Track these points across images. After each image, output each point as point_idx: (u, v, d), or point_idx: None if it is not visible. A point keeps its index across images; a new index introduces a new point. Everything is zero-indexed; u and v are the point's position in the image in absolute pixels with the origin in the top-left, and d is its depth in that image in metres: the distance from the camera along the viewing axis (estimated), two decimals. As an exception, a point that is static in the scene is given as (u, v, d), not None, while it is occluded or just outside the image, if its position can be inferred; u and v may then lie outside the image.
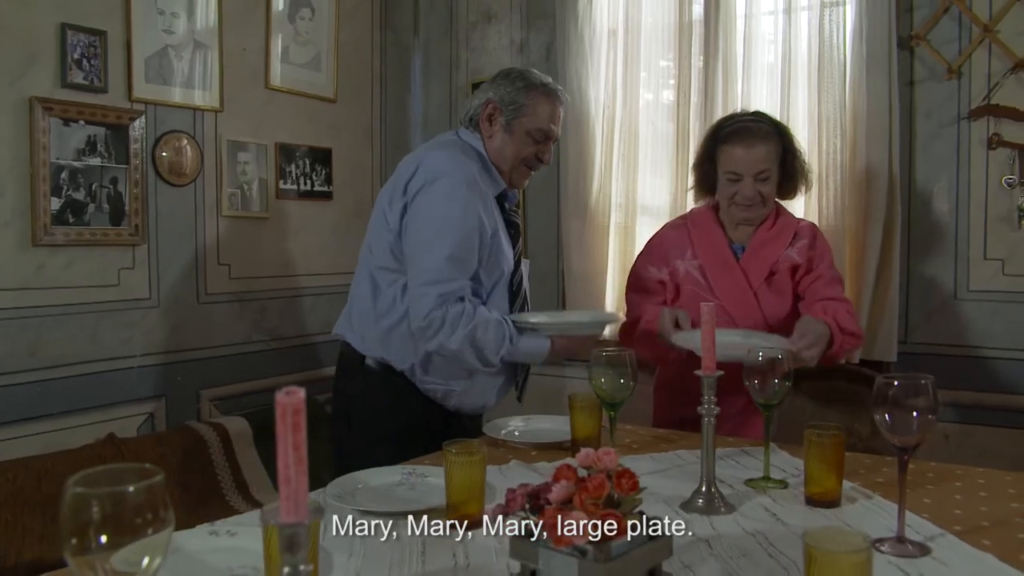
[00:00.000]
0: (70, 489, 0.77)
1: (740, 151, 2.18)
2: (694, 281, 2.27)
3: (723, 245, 2.28)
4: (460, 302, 1.92)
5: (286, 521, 0.71)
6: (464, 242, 1.94)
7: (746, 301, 2.21)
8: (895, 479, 1.66)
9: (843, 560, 0.95)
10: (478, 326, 1.92)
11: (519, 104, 2.09)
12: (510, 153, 2.10)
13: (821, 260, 2.26)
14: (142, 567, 0.79)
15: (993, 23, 2.86)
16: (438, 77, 4.07)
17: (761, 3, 3.25)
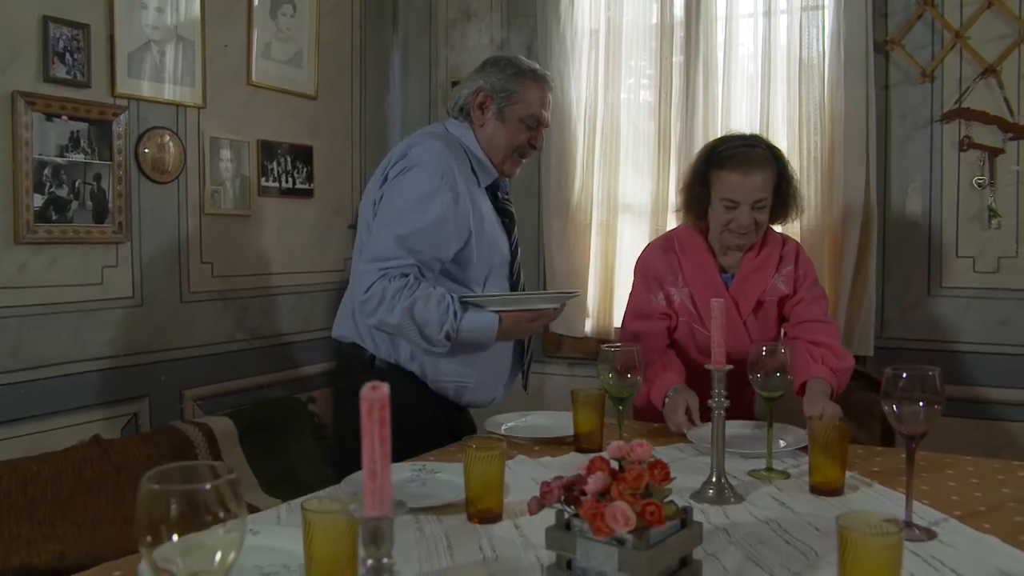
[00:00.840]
0: (146, 486, 0.77)
1: (737, 178, 2.11)
2: (687, 312, 2.24)
3: (713, 273, 2.23)
4: (403, 277, 1.90)
5: (371, 515, 0.72)
6: (419, 230, 1.92)
7: (736, 332, 2.15)
8: (890, 468, 1.74)
9: (877, 542, 0.99)
10: (418, 300, 1.88)
11: (510, 91, 2.07)
12: (503, 141, 2.09)
13: (804, 281, 2.25)
14: (215, 563, 0.79)
15: (964, 29, 2.96)
16: (417, 75, 4.07)
17: (741, 6, 3.31)
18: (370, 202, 2.04)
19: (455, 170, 1.99)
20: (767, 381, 1.73)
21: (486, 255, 2.05)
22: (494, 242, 2.08)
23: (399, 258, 1.90)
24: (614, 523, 1.05)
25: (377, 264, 1.90)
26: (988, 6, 2.91)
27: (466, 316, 1.93)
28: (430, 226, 1.92)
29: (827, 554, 1.26)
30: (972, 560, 1.23)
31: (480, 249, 2.03)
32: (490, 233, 2.07)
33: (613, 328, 3.64)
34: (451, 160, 2.00)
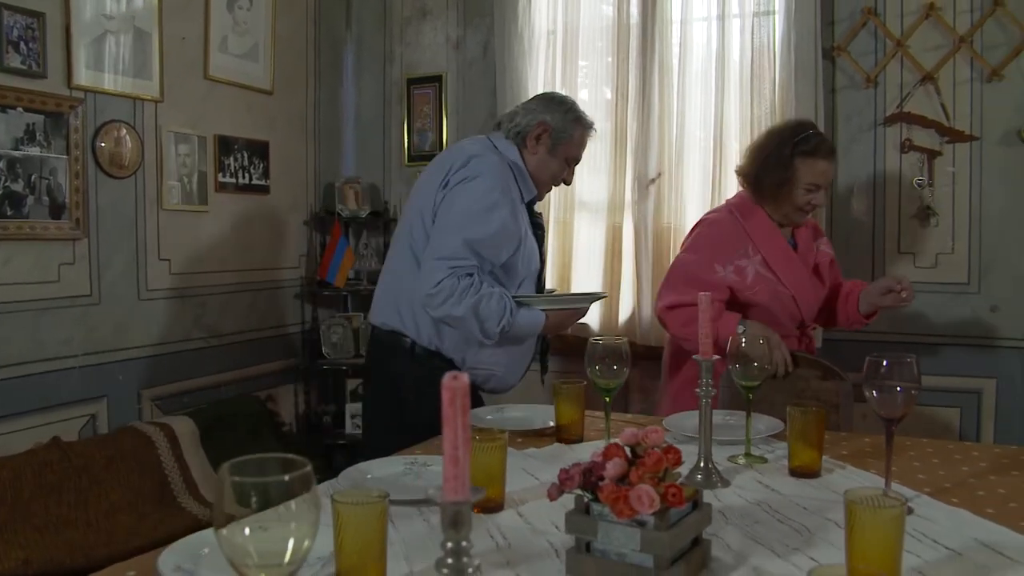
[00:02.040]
0: (225, 477, 0.79)
1: (824, 165, 2.38)
2: (765, 278, 2.44)
3: (783, 240, 2.48)
4: (469, 276, 2.09)
5: (451, 499, 0.75)
6: (484, 236, 2.11)
7: (811, 289, 2.47)
8: (858, 451, 1.85)
9: (882, 515, 1.07)
10: (483, 297, 2.08)
11: (568, 133, 2.31)
12: (550, 172, 2.33)
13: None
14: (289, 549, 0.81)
15: (904, 38, 3.12)
16: (371, 72, 4.06)
17: (695, 9, 3.42)
18: (429, 203, 2.20)
19: (514, 186, 2.23)
20: (745, 370, 1.81)
21: (526, 262, 2.26)
22: (532, 251, 2.29)
23: (466, 259, 2.09)
24: (639, 505, 1.11)
25: (446, 263, 2.08)
26: (926, 17, 3.08)
27: (519, 313, 2.15)
28: (493, 234, 2.13)
29: (819, 531, 1.34)
30: (948, 531, 1.32)
31: (523, 257, 2.24)
32: (529, 243, 2.28)
33: (569, 323, 3.71)
34: (509, 177, 2.23)
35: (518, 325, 2.15)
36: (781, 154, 2.39)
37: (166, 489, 2.78)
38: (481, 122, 3.89)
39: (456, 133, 3.95)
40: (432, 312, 2.13)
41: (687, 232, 2.67)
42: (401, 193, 4.05)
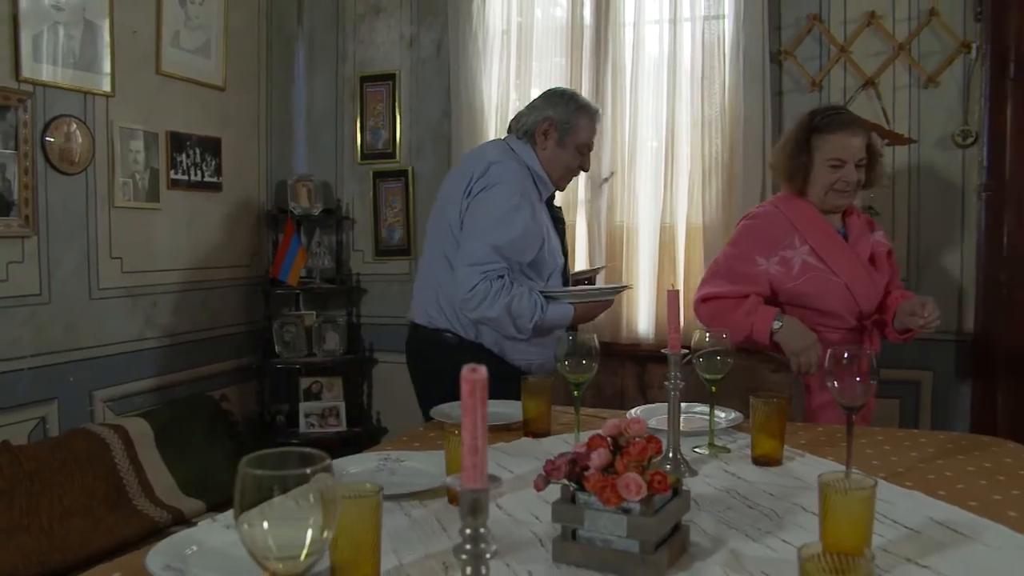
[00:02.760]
0: (246, 471, 0.80)
1: (844, 138, 2.29)
2: (813, 267, 2.35)
3: (831, 229, 2.39)
4: (500, 279, 2.25)
5: (469, 487, 0.78)
6: (510, 240, 2.26)
7: (862, 277, 2.35)
8: (814, 440, 1.93)
9: (854, 496, 1.13)
10: (514, 297, 2.24)
11: (572, 123, 2.41)
12: (562, 163, 2.43)
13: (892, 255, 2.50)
14: (307, 540, 0.82)
15: (847, 44, 3.25)
16: (324, 69, 4.04)
17: (647, 12, 3.50)
18: (456, 210, 2.35)
19: (532, 189, 2.35)
20: (709, 364, 1.87)
21: (550, 258, 2.38)
22: (555, 246, 2.41)
23: (496, 263, 2.24)
24: (627, 492, 1.15)
25: (478, 268, 2.24)
26: (868, 24, 3.21)
27: (549, 308, 2.30)
28: (517, 237, 2.27)
29: (787, 515, 1.40)
30: (906, 511, 1.40)
31: (548, 253, 2.37)
32: (552, 238, 2.40)
33: (523, 321, 3.75)
34: (527, 180, 2.35)
35: (549, 319, 2.30)
36: (799, 138, 2.38)
37: (121, 492, 2.73)
38: (435, 121, 3.91)
39: (409, 131, 3.96)
40: (470, 315, 2.29)
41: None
42: (354, 191, 4.04)
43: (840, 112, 2.40)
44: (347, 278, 4.01)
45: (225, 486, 1.61)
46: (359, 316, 4.05)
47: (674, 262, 3.54)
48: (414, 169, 3.96)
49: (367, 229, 4.03)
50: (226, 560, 1.22)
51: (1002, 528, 1.31)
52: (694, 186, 3.46)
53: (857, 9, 3.24)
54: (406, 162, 3.97)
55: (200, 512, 2.88)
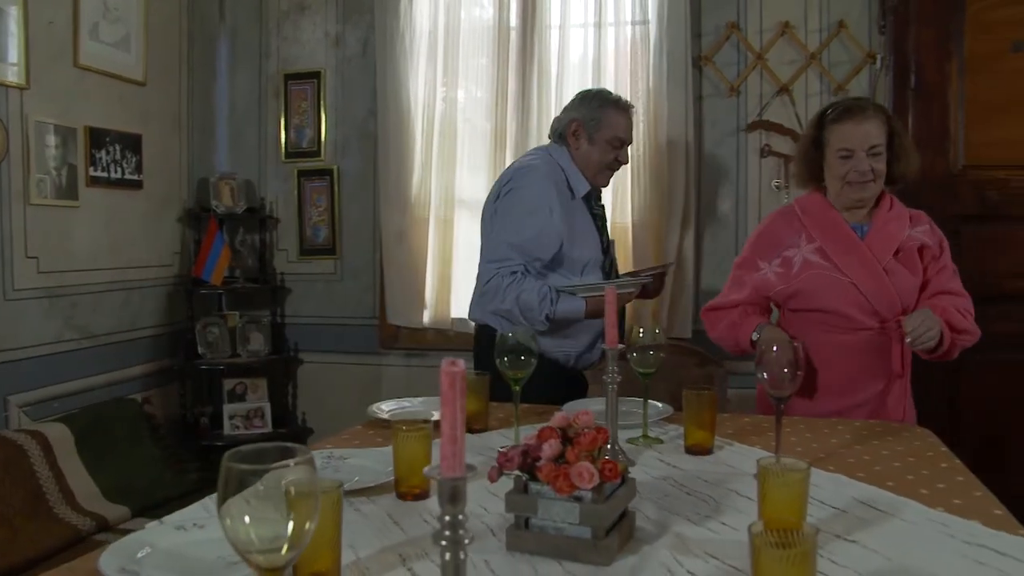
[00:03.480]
0: (229, 465, 0.82)
1: (850, 127, 2.18)
2: (816, 265, 2.25)
3: (842, 225, 2.26)
4: (512, 274, 2.39)
5: (448, 476, 0.81)
6: (525, 239, 2.41)
7: (875, 276, 2.20)
8: (740, 430, 2.03)
9: (791, 477, 1.22)
10: (523, 291, 2.38)
11: (598, 119, 2.50)
12: (595, 160, 2.52)
13: (944, 250, 2.26)
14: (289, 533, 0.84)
15: (763, 52, 3.40)
16: (247, 66, 3.98)
17: (572, 16, 3.57)
18: (487, 215, 2.53)
19: (552, 189, 2.44)
20: (642, 358, 1.94)
21: (578, 253, 2.48)
22: (586, 242, 2.51)
23: (511, 259, 2.41)
24: (580, 480, 1.20)
25: (494, 265, 2.43)
26: (782, 34, 3.37)
27: (560, 301, 2.39)
28: (531, 237, 2.40)
29: (724, 500, 1.48)
30: (831, 493, 1.50)
31: (572, 250, 2.47)
32: (583, 235, 2.50)
33: (451, 319, 3.79)
34: (549, 181, 2.45)
35: (560, 312, 2.39)
36: (810, 134, 2.32)
37: (41, 500, 2.64)
38: (361, 120, 3.90)
39: (334, 130, 3.94)
40: (487, 308, 2.45)
41: None
42: (278, 190, 3.99)
43: (849, 102, 2.28)
44: (271, 277, 3.96)
45: (150, 491, 1.60)
46: (283, 316, 4.00)
47: (599, 261, 3.62)
48: (339, 168, 3.94)
49: (291, 228, 3.98)
50: (181, 561, 1.22)
51: (916, 504, 1.42)
52: (621, 187, 3.56)
53: (772, 19, 3.40)
54: (331, 161, 3.94)
55: (125, 518, 2.80)
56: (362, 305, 3.94)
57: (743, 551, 1.21)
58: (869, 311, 2.21)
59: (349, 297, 3.96)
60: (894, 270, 2.21)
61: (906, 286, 2.20)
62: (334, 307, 3.97)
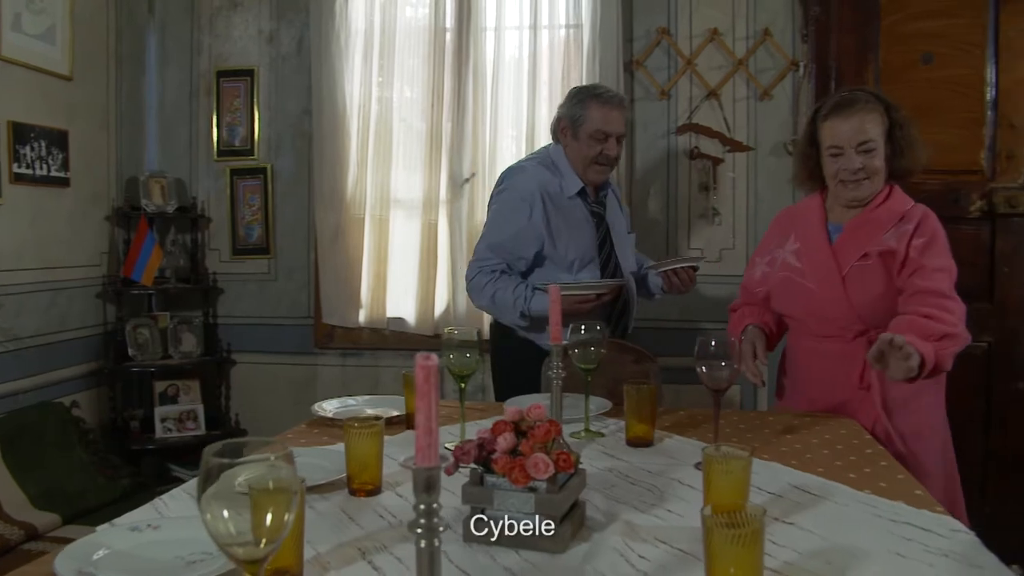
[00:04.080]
0: (209, 460, 0.83)
1: (838, 123, 2.07)
2: (789, 267, 2.19)
3: (818, 227, 2.17)
4: (491, 272, 2.52)
5: (423, 465, 0.85)
6: (501, 241, 2.54)
7: (832, 284, 2.09)
8: (678, 423, 2.11)
9: (735, 464, 1.29)
10: (498, 289, 2.51)
11: (577, 115, 2.57)
12: (581, 156, 2.57)
13: (924, 248, 2.03)
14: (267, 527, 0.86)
15: (693, 57, 3.52)
16: (177, 62, 3.90)
17: (507, 18, 3.62)
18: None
19: (537, 191, 2.53)
20: (584, 355, 2.00)
21: (565, 251, 2.56)
22: (577, 240, 2.57)
23: (490, 259, 2.54)
24: (535, 471, 1.25)
25: (477, 263, 2.56)
26: (711, 40, 3.49)
27: (535, 300, 2.49)
28: (509, 238, 2.54)
29: (667, 488, 1.55)
30: (767, 479, 1.58)
31: (558, 248, 2.55)
32: (573, 233, 2.56)
33: (386, 318, 3.79)
34: (534, 182, 2.55)
35: (535, 310, 2.49)
36: (807, 130, 2.25)
37: (-35, 508, 2.55)
38: (295, 118, 3.87)
39: (268, 128, 3.90)
40: (473, 303, 2.64)
41: None
42: (210, 188, 3.93)
43: (843, 94, 2.16)
44: (203, 278, 3.89)
45: (81, 497, 1.58)
46: (216, 316, 3.94)
47: (534, 260, 3.68)
48: (273, 167, 3.90)
49: (224, 227, 3.92)
50: (138, 561, 1.22)
51: (846, 488, 1.52)
52: (554, 187, 3.62)
53: (701, 25, 3.51)
54: (265, 160, 3.90)
55: (55, 526, 2.73)
56: (297, 305, 3.91)
57: (690, 536, 1.28)
58: (827, 319, 2.12)
59: (283, 297, 3.92)
60: (856, 277, 2.07)
61: (865, 297, 2.05)
62: (268, 307, 3.93)
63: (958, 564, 1.16)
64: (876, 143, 2.07)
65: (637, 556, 1.23)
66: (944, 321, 1.89)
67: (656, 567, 1.19)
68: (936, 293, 1.95)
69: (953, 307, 1.94)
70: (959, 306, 1.96)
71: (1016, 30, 3.16)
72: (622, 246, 2.73)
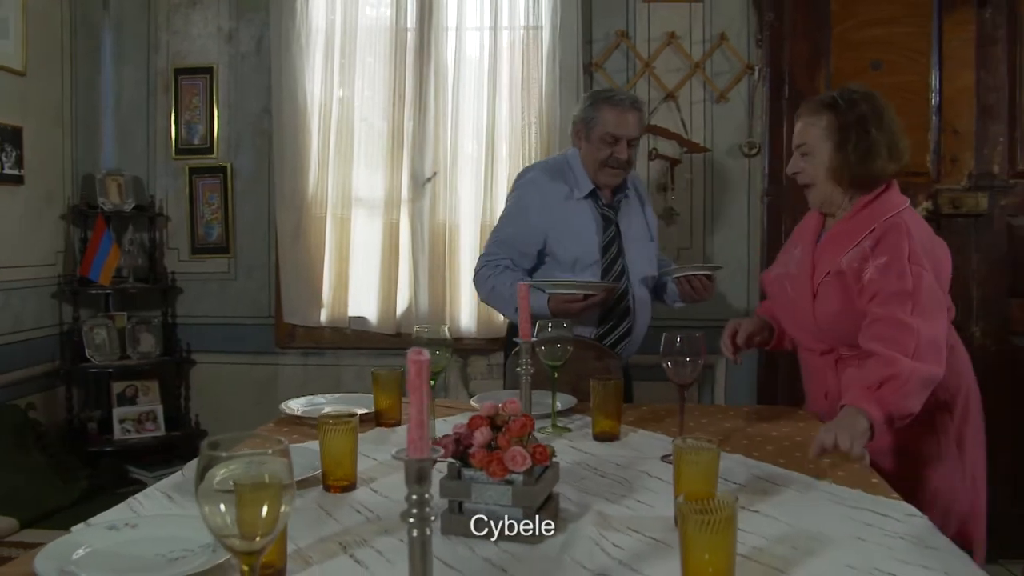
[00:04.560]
0: (206, 453, 0.85)
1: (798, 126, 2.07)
2: (785, 275, 2.15)
3: (813, 231, 2.13)
4: (495, 267, 2.59)
5: (415, 457, 0.88)
6: (504, 238, 2.63)
7: (803, 295, 2.04)
8: (641, 418, 2.16)
9: (704, 455, 1.34)
10: (497, 283, 2.57)
11: (589, 118, 2.58)
12: (591, 159, 2.59)
13: (886, 271, 1.87)
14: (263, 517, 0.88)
15: (651, 60, 3.59)
16: (134, 59, 3.85)
17: (469, 19, 3.65)
18: None
19: (543, 190, 2.61)
20: (551, 352, 2.04)
21: (566, 251, 2.59)
22: (578, 241, 2.59)
23: (495, 255, 2.62)
24: (513, 464, 1.29)
25: (484, 257, 2.65)
26: (668, 44, 3.57)
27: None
28: (510, 235, 2.63)
29: (636, 480, 1.61)
30: (731, 471, 1.64)
31: (560, 247, 2.59)
32: (578, 234, 2.59)
33: (348, 317, 3.80)
34: (542, 182, 2.62)
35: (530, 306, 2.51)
36: None
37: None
38: (255, 117, 3.85)
39: (227, 127, 3.87)
40: (478, 296, 2.76)
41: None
42: (168, 187, 3.89)
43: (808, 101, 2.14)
44: (162, 277, 3.85)
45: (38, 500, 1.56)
46: (175, 316, 3.90)
47: (496, 259, 3.72)
48: (233, 165, 3.87)
49: (183, 226, 3.89)
50: (119, 560, 1.22)
51: (805, 477, 1.59)
52: (515, 187, 3.66)
53: (659, 29, 3.59)
54: (224, 158, 3.87)
55: (13, 530, 2.68)
56: (257, 304, 3.89)
57: (662, 525, 1.34)
58: (802, 330, 2.09)
59: (244, 296, 3.90)
60: (823, 293, 2.00)
61: (822, 310, 1.99)
62: (228, 306, 3.90)
63: (914, 546, 1.23)
64: (808, 147, 2.03)
65: (612, 545, 1.28)
66: (885, 360, 1.74)
67: (631, 555, 1.23)
68: (890, 322, 1.80)
69: (906, 336, 1.76)
70: (920, 330, 1.77)
71: (959, 40, 3.30)
72: (636, 251, 2.67)
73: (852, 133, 1.97)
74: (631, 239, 2.67)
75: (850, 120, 1.98)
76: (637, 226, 2.71)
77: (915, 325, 1.77)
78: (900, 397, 1.71)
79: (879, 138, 1.96)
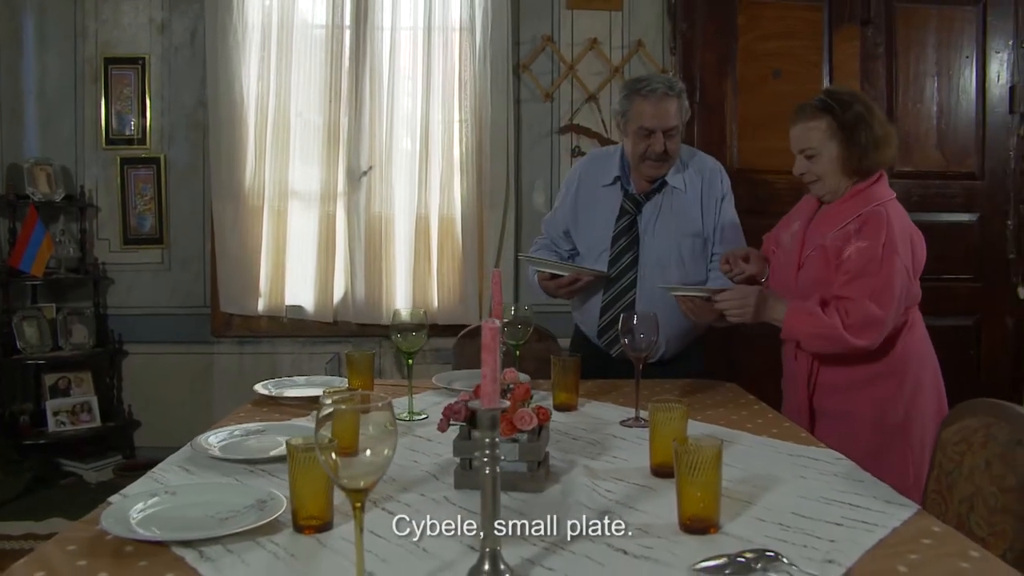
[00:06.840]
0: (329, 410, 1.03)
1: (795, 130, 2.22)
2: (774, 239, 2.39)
3: (809, 210, 2.30)
4: (535, 246, 2.82)
5: (488, 407, 1.09)
6: (550, 218, 2.79)
7: (788, 269, 2.27)
8: (592, 391, 2.38)
9: (677, 413, 1.59)
10: (530, 258, 2.71)
11: (624, 111, 2.52)
12: (630, 151, 2.54)
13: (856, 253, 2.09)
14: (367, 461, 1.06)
15: (574, 63, 3.85)
16: (59, 46, 3.81)
17: (403, 19, 3.80)
18: None
19: (581, 180, 2.68)
20: (513, 332, 2.26)
21: (582, 238, 2.68)
22: (593, 227, 2.64)
23: (543, 235, 2.81)
24: (522, 423, 1.51)
25: (537, 238, 2.86)
26: (591, 48, 3.84)
27: (531, 272, 2.70)
28: (550, 218, 2.79)
29: (605, 441, 1.84)
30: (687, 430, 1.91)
31: (579, 234, 2.68)
32: (596, 223, 2.63)
33: (285, 306, 3.90)
34: (584, 172, 2.70)
35: (532, 282, 2.69)
36: None
37: None
38: (190, 109, 3.88)
39: (161, 118, 3.89)
40: None
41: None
42: (98, 177, 3.87)
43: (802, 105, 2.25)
44: (92, 268, 3.83)
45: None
46: (106, 307, 3.89)
47: (429, 249, 3.90)
48: (167, 157, 3.89)
49: (114, 217, 3.88)
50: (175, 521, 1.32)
51: (748, 435, 1.87)
52: (446, 181, 3.86)
53: (582, 35, 3.85)
54: (157, 149, 3.89)
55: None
56: (192, 295, 3.93)
57: (642, 474, 1.59)
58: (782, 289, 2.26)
59: (178, 287, 3.93)
60: (807, 265, 2.22)
61: (806, 286, 2.19)
62: (162, 297, 3.92)
63: (845, 480, 1.53)
64: (813, 151, 2.18)
65: (604, 490, 1.51)
66: (826, 315, 2.06)
67: (623, 496, 1.47)
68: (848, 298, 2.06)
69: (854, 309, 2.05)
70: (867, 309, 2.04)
71: (845, 54, 3.71)
72: (659, 244, 2.57)
73: (858, 129, 2.13)
74: (654, 231, 2.57)
75: (849, 119, 2.13)
76: (672, 219, 2.57)
77: (864, 303, 2.05)
78: (809, 336, 2.12)
79: (880, 130, 2.15)
